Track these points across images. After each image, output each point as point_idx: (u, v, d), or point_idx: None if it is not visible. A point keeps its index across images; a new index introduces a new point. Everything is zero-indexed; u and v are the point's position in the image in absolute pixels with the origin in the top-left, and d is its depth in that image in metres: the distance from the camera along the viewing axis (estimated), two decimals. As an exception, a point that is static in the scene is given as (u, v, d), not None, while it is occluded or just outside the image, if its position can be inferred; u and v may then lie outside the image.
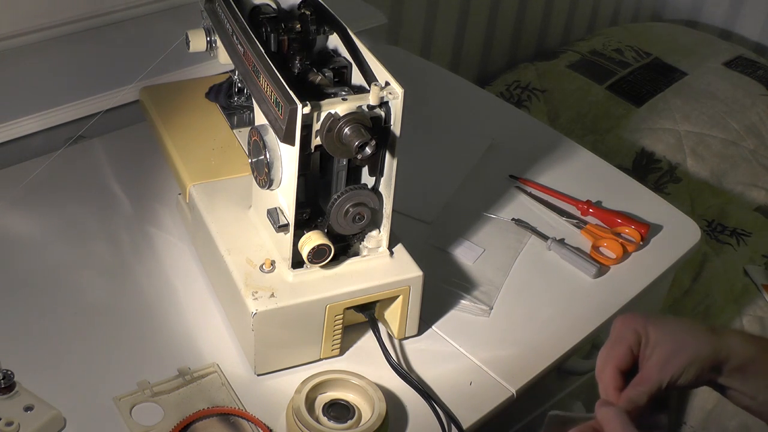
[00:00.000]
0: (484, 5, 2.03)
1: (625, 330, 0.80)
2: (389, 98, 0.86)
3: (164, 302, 1.03)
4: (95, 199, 1.17)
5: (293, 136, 0.84)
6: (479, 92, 1.52)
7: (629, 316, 0.81)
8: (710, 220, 1.79)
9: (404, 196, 0.93)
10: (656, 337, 0.79)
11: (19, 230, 1.12)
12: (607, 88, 2.04)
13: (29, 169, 1.17)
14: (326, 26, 0.95)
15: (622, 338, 0.80)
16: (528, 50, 2.25)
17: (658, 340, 0.79)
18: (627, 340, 0.80)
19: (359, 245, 0.96)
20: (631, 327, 0.80)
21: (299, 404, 0.88)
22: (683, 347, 0.78)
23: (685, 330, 0.80)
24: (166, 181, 1.18)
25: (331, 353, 0.97)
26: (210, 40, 1.04)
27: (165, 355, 0.96)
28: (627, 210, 1.22)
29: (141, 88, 1.20)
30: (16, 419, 0.86)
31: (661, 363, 0.77)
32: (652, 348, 0.79)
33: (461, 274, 1.11)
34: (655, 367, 0.77)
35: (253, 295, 0.91)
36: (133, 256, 1.09)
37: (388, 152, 0.90)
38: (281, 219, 0.91)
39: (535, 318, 1.06)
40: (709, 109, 1.99)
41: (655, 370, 0.77)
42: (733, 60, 2.17)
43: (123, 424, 0.89)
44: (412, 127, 0.96)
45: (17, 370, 0.90)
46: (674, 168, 1.88)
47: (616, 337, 0.81)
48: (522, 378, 0.99)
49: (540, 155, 1.32)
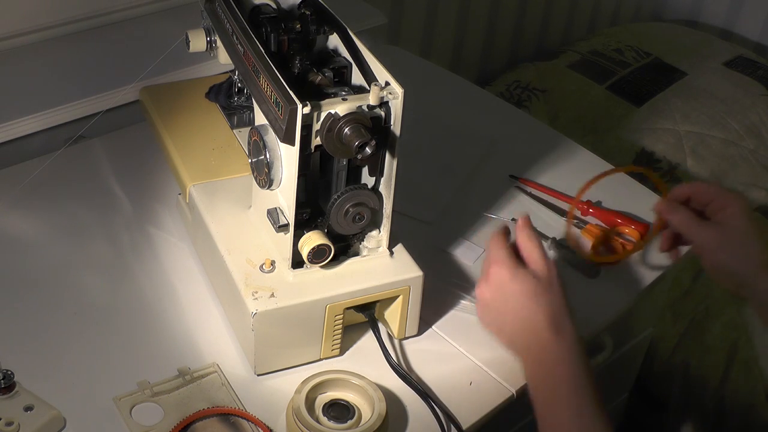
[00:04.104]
0: (484, 5, 2.03)
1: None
2: (389, 98, 0.86)
3: (164, 302, 1.03)
4: (95, 199, 1.17)
5: (293, 136, 0.84)
6: (479, 92, 1.52)
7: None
8: (710, 220, 1.79)
9: (404, 196, 0.93)
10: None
11: (19, 230, 1.12)
12: (607, 88, 2.04)
13: (29, 169, 1.17)
14: (326, 26, 0.95)
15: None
16: (528, 50, 2.25)
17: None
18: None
19: (359, 245, 0.96)
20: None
21: (299, 404, 0.88)
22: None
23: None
24: (166, 181, 1.18)
25: (331, 353, 0.97)
26: (210, 40, 1.04)
27: (165, 355, 0.96)
28: (627, 210, 1.22)
29: (141, 88, 1.20)
30: (16, 419, 0.86)
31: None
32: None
33: (461, 274, 1.11)
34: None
35: (253, 295, 0.91)
36: (133, 256, 1.09)
37: (388, 152, 0.90)
38: (281, 219, 0.91)
39: (535, 318, 1.06)
40: (709, 109, 1.99)
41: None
42: (733, 60, 2.17)
43: (123, 424, 0.89)
44: (412, 127, 0.96)
45: (17, 370, 0.90)
46: (674, 168, 1.88)
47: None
48: (522, 378, 0.99)
49: (540, 155, 1.32)
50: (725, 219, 0.95)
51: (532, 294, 0.88)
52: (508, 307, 0.90)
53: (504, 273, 0.90)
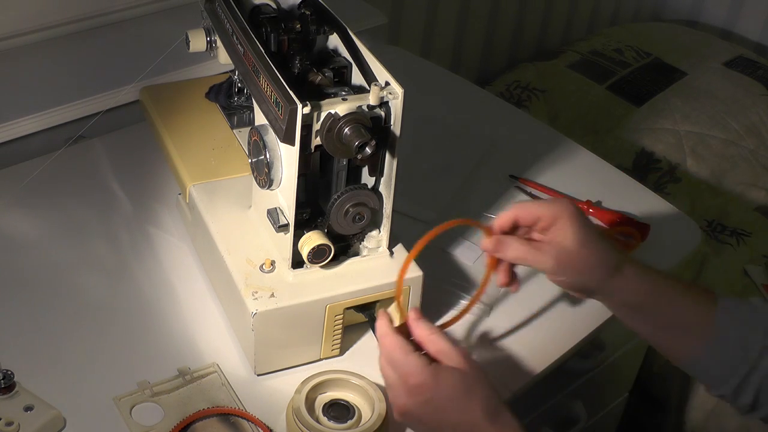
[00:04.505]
0: (484, 5, 2.03)
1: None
2: (389, 98, 0.86)
3: (164, 302, 1.03)
4: (95, 199, 1.17)
5: (293, 136, 0.84)
6: (479, 92, 1.52)
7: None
8: (710, 220, 1.79)
9: (404, 196, 0.93)
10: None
11: (19, 230, 1.12)
12: (607, 88, 2.04)
13: (29, 169, 1.17)
14: (326, 26, 0.95)
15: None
16: (528, 50, 2.25)
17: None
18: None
19: (359, 245, 0.96)
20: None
21: (299, 404, 0.88)
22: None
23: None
24: (166, 181, 1.18)
25: (331, 353, 0.97)
26: (210, 40, 1.04)
27: (165, 355, 0.96)
28: (627, 210, 1.22)
29: (141, 88, 1.20)
30: (16, 419, 0.86)
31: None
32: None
33: (461, 274, 1.10)
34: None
35: (253, 295, 0.91)
36: (133, 256, 1.09)
37: (388, 152, 0.90)
38: (281, 219, 0.91)
39: (535, 318, 1.06)
40: (709, 109, 1.99)
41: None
42: (733, 60, 2.17)
43: (123, 424, 0.89)
44: (412, 127, 0.96)
45: (17, 370, 0.90)
46: (674, 168, 1.88)
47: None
48: (522, 378, 0.99)
49: (540, 155, 1.32)
50: (557, 237, 0.88)
51: (464, 392, 0.81)
52: (442, 416, 0.81)
53: (427, 378, 0.80)
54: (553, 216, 0.88)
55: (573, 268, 0.88)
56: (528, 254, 0.89)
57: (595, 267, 0.88)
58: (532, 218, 0.89)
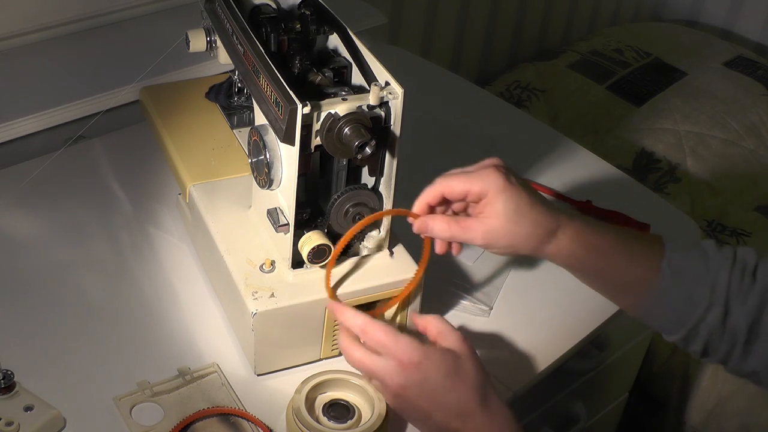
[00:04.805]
0: (484, 5, 2.03)
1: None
2: (389, 98, 0.86)
3: (164, 302, 1.03)
4: (95, 199, 1.17)
5: (293, 136, 0.84)
6: (479, 92, 1.52)
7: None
8: (710, 220, 1.79)
9: (404, 196, 0.93)
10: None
11: (19, 230, 1.12)
12: (607, 88, 2.04)
13: (29, 169, 1.17)
14: (326, 26, 0.95)
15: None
16: (528, 50, 2.25)
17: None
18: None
19: (359, 245, 0.96)
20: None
21: (299, 404, 0.88)
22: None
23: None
24: (166, 181, 1.18)
25: (331, 353, 0.97)
26: (210, 40, 1.04)
27: (165, 355, 0.96)
28: (627, 210, 1.22)
29: (141, 88, 1.20)
30: (16, 419, 0.86)
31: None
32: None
33: (461, 274, 1.11)
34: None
35: (253, 295, 0.91)
36: (133, 256, 1.09)
37: (388, 152, 0.90)
38: (281, 219, 0.91)
39: (535, 318, 1.06)
40: (709, 109, 1.99)
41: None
42: (733, 60, 2.17)
43: (123, 424, 0.89)
44: (412, 127, 0.96)
45: (17, 370, 0.90)
46: (674, 168, 1.88)
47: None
48: (522, 378, 0.99)
49: (540, 155, 1.32)
50: (484, 212, 0.88)
51: (453, 373, 0.82)
52: (435, 396, 0.82)
53: (419, 359, 0.82)
54: (479, 191, 0.88)
55: (503, 241, 0.88)
56: (456, 232, 0.89)
57: (526, 238, 0.88)
58: (460, 193, 0.90)
